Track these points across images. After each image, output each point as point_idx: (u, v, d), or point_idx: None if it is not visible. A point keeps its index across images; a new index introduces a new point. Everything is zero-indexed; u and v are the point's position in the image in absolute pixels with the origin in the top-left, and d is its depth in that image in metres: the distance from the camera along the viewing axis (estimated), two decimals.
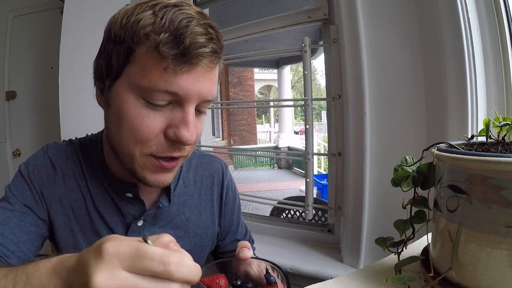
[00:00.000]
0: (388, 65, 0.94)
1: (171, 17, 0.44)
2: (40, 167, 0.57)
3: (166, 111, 0.47)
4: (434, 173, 0.41)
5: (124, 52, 0.46)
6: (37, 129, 2.12)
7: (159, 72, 0.44)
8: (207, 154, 0.74)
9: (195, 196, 0.67)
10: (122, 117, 0.47)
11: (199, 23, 0.45)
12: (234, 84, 10.91)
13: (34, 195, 0.56)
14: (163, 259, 0.28)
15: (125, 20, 0.46)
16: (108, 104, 0.51)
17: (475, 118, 0.77)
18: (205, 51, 0.45)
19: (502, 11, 0.77)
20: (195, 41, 0.44)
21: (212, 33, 0.46)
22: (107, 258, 0.28)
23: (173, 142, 0.48)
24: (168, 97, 0.46)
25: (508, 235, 0.31)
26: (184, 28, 0.44)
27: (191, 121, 0.47)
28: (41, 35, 2.05)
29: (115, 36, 0.47)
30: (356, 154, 0.98)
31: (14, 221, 0.52)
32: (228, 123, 10.47)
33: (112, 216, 0.58)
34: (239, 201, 0.77)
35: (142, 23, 0.44)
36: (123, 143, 0.49)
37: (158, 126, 0.47)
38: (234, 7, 4.03)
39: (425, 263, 0.41)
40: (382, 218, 0.96)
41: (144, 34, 0.44)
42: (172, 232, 0.63)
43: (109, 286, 0.27)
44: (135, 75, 0.46)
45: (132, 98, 0.47)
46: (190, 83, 0.46)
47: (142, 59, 0.45)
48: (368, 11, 0.94)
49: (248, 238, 0.78)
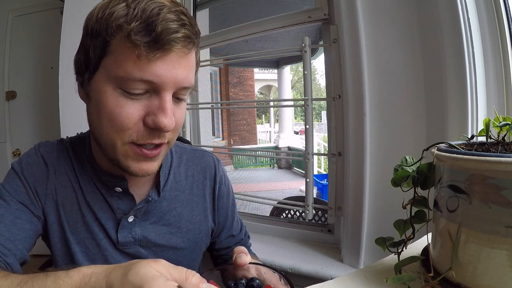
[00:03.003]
0: (388, 65, 0.94)
1: (143, 6, 0.45)
2: (33, 164, 0.58)
3: (144, 100, 0.48)
4: (434, 173, 0.41)
5: (100, 44, 0.48)
6: (37, 129, 2.12)
7: (133, 61, 0.45)
8: (198, 149, 0.74)
9: (187, 191, 0.67)
10: (102, 108, 0.49)
11: (170, 10, 0.46)
12: (234, 84, 10.90)
13: (28, 192, 0.56)
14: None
15: (100, 14, 0.47)
16: (88, 97, 0.52)
17: (475, 118, 0.77)
18: (177, 36, 0.45)
19: (502, 11, 0.77)
20: (166, 27, 0.44)
21: (184, 19, 0.47)
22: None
23: (153, 130, 0.49)
24: (144, 86, 0.47)
25: (508, 235, 0.31)
26: (156, 15, 0.45)
27: (168, 108, 0.48)
28: (41, 35, 2.05)
29: (92, 30, 0.48)
30: (356, 154, 0.98)
31: (10, 218, 0.53)
32: (228, 123, 10.46)
33: (103, 212, 0.59)
34: (234, 196, 0.76)
35: (115, 15, 0.46)
36: (104, 134, 0.50)
37: (137, 114, 0.48)
38: (234, 7, 4.03)
39: (425, 263, 0.41)
40: (382, 218, 0.96)
41: (117, 25, 0.45)
42: (164, 228, 0.63)
43: None
44: (111, 66, 0.47)
45: (110, 89, 0.48)
46: (165, 70, 0.46)
47: (117, 49, 0.46)
48: (368, 11, 0.94)
49: (243, 233, 0.78)
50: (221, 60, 2.98)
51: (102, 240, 0.59)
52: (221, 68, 9.60)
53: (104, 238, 0.59)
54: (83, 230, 0.58)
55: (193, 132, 1.56)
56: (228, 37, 1.38)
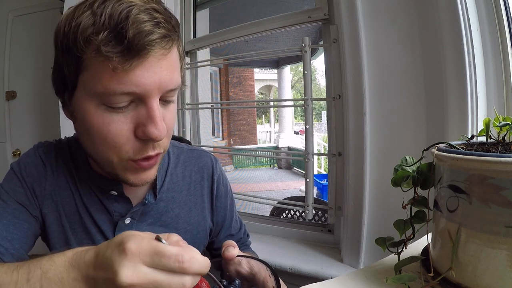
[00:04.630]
0: (388, 65, 0.94)
1: (110, 11, 0.41)
2: (32, 164, 0.58)
3: (130, 111, 0.45)
4: (434, 173, 0.41)
5: (73, 60, 0.44)
6: (37, 129, 2.12)
7: (110, 75, 0.42)
8: (196, 149, 0.73)
9: (184, 192, 0.66)
10: (89, 127, 0.46)
11: (140, 10, 0.41)
12: (234, 84, 10.90)
13: (26, 192, 0.56)
14: (177, 258, 0.32)
15: (67, 28, 0.44)
16: (73, 116, 0.50)
17: (475, 118, 0.77)
18: (152, 39, 0.41)
19: (502, 11, 0.77)
20: (139, 30, 0.40)
21: (157, 17, 0.43)
22: (130, 256, 0.31)
23: (146, 141, 0.47)
24: (127, 98, 0.44)
25: (508, 235, 0.31)
26: (125, 20, 0.40)
27: (157, 116, 0.45)
28: (41, 35, 2.05)
29: (61, 45, 0.45)
30: (356, 154, 0.98)
31: (8, 217, 0.52)
32: (228, 123, 10.46)
33: (100, 214, 0.59)
34: (232, 195, 0.75)
35: (82, 26, 0.42)
36: (99, 152, 0.48)
37: (126, 129, 0.46)
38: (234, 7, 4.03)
39: (425, 263, 0.41)
40: (382, 218, 0.96)
41: (85, 38, 0.42)
42: (161, 229, 0.62)
43: (133, 280, 0.31)
44: (89, 82, 0.44)
45: (93, 106, 0.45)
46: (145, 77, 0.43)
47: (90, 64, 0.43)
48: (368, 11, 0.94)
49: (242, 232, 0.77)
50: (221, 60, 2.99)
51: (100, 241, 0.58)
52: (221, 68, 9.60)
53: (101, 239, 0.59)
54: (81, 231, 0.58)
55: (193, 132, 1.56)
56: (228, 37, 1.38)
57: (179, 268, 0.31)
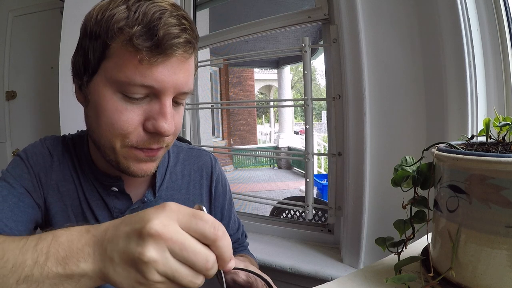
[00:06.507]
0: (388, 65, 0.94)
1: (144, 10, 0.45)
2: (39, 154, 0.59)
3: (144, 104, 0.48)
4: (434, 173, 0.41)
5: (100, 47, 0.47)
6: (37, 129, 2.12)
7: (134, 66, 0.45)
8: (195, 148, 0.74)
9: (183, 191, 0.67)
10: (101, 112, 0.48)
11: (172, 15, 0.45)
12: (234, 84, 10.90)
13: (32, 179, 0.56)
14: (214, 224, 0.32)
15: (100, 16, 0.47)
16: (87, 100, 0.52)
17: (475, 118, 0.77)
18: (179, 42, 0.45)
19: (502, 11, 0.77)
20: (168, 32, 0.44)
21: (185, 24, 0.47)
22: (168, 211, 0.32)
23: (152, 134, 0.49)
24: (144, 90, 0.47)
25: (508, 235, 0.31)
26: (157, 20, 0.44)
27: (168, 113, 0.48)
28: (41, 35, 2.05)
29: (91, 32, 0.48)
30: (356, 154, 0.98)
31: (13, 200, 0.53)
32: (228, 123, 10.47)
33: (100, 210, 0.59)
34: (231, 195, 0.76)
35: (116, 17, 0.45)
36: (103, 137, 0.50)
37: (137, 119, 0.48)
38: (234, 7, 4.03)
39: (425, 263, 0.41)
40: (382, 218, 0.96)
41: (118, 28, 0.45)
42: None
43: (163, 231, 0.30)
44: (111, 69, 0.47)
45: (110, 92, 0.47)
46: (166, 75, 0.46)
47: (117, 53, 0.46)
48: (368, 11, 0.94)
49: (240, 233, 0.78)
50: (221, 60, 2.98)
51: None
52: (221, 68, 9.60)
53: None
54: None
55: (193, 132, 1.56)
56: (228, 37, 1.38)
57: (213, 234, 0.32)
